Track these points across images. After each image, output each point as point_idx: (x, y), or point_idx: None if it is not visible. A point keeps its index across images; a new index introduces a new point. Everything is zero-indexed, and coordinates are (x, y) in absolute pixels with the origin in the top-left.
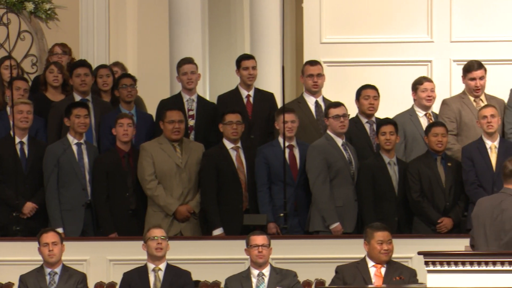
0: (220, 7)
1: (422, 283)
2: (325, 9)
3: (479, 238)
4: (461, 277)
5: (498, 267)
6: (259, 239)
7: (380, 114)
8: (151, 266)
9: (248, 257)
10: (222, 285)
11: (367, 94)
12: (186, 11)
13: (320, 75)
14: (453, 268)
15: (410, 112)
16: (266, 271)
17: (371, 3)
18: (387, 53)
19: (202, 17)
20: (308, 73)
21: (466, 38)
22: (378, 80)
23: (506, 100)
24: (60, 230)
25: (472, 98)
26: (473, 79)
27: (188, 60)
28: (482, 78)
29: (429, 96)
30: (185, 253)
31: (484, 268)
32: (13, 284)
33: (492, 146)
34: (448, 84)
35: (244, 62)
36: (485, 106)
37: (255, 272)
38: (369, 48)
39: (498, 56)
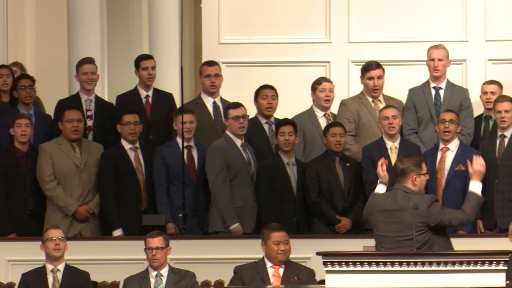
0: (118, 7)
1: (320, 283)
2: (224, 9)
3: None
4: (359, 277)
5: (397, 267)
6: (153, 242)
7: (279, 114)
8: (49, 266)
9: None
10: (121, 285)
11: (265, 94)
12: (84, 11)
13: (218, 76)
14: (352, 268)
15: (309, 113)
16: (164, 271)
17: (270, 4)
18: (286, 53)
19: (101, 17)
20: (205, 74)
21: (364, 39)
22: (277, 81)
23: (404, 101)
24: None
25: (370, 99)
26: (371, 78)
27: (89, 60)
28: (380, 78)
29: (327, 97)
30: (84, 253)
31: (382, 268)
32: None
33: (392, 146)
34: (346, 85)
35: (143, 62)
36: (387, 107)
37: (153, 272)
38: (268, 48)
39: (396, 57)
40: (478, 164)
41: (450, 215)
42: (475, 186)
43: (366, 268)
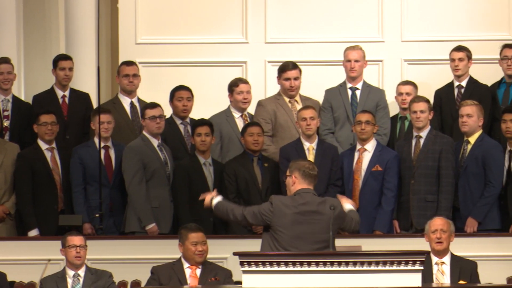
0: (35, 6)
1: (237, 284)
2: (141, 9)
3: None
4: (276, 278)
5: (313, 268)
6: (76, 239)
7: (196, 114)
8: None
9: (63, 257)
10: (38, 286)
11: (180, 96)
12: (0, 10)
13: (136, 76)
14: (268, 268)
15: (226, 113)
16: (82, 271)
17: (187, 4)
18: (203, 54)
19: (17, 16)
20: (124, 73)
21: (281, 40)
22: (193, 81)
23: (320, 101)
24: None
25: (287, 99)
26: (288, 79)
27: (5, 60)
28: (296, 78)
29: (245, 98)
30: (1, 254)
31: (299, 268)
32: None
33: (310, 147)
34: (263, 85)
35: (61, 62)
36: (305, 108)
37: (70, 272)
38: (185, 49)
39: (312, 57)
40: (344, 198)
41: (350, 219)
42: (349, 206)
43: (283, 268)
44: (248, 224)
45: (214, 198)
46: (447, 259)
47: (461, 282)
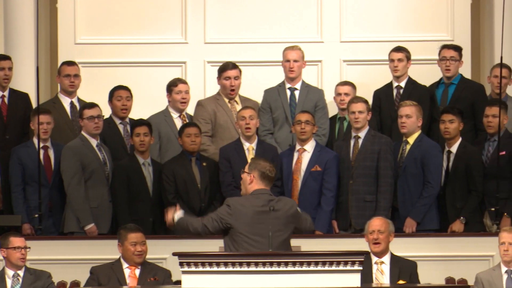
0: None
1: (176, 284)
2: (80, 9)
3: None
4: (216, 278)
5: (253, 268)
6: (21, 240)
7: (135, 115)
8: None
9: (2, 258)
10: None
11: (119, 95)
12: None
13: (77, 76)
14: (208, 269)
15: (165, 113)
16: (21, 271)
17: (126, 4)
18: (142, 54)
19: None
20: (64, 73)
21: (220, 40)
22: (133, 81)
23: (260, 102)
24: None
25: (227, 100)
26: (228, 79)
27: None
28: (237, 77)
29: (183, 99)
30: None
31: (238, 268)
32: None
33: (249, 147)
34: (202, 85)
35: (0, 62)
36: (244, 108)
37: (10, 272)
38: (124, 49)
39: (252, 57)
40: None
41: (304, 219)
42: None
43: (222, 268)
44: (209, 233)
45: (176, 215)
46: (386, 259)
47: (400, 282)
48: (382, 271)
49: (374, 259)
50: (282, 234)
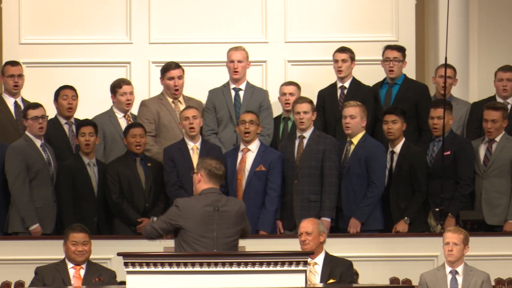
0: None
1: (121, 284)
2: (24, 9)
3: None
4: (160, 278)
5: (197, 268)
6: None
7: (80, 115)
8: None
9: None
10: None
11: (65, 94)
12: None
13: (21, 76)
14: (153, 269)
15: (109, 113)
16: None
17: (71, 4)
18: (87, 54)
19: None
20: (8, 74)
21: (164, 40)
22: (77, 81)
23: (204, 102)
24: None
25: (170, 100)
26: (171, 79)
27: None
28: (180, 77)
29: (128, 100)
30: None
31: (183, 269)
32: None
33: (194, 147)
34: (147, 85)
35: None
36: (187, 108)
37: None
38: (69, 49)
39: (196, 58)
40: None
41: (248, 222)
42: None
43: (167, 269)
44: (160, 235)
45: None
46: (320, 259)
47: (330, 281)
48: (315, 272)
49: (308, 260)
50: (231, 234)
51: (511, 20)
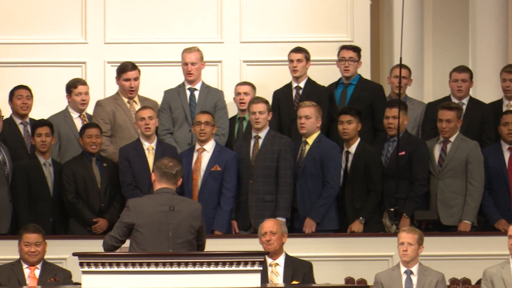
0: None
1: (77, 284)
2: None
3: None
4: (116, 278)
5: (153, 268)
6: None
7: (35, 115)
8: None
9: None
10: None
11: (20, 94)
12: None
13: None
14: (108, 269)
15: (65, 113)
16: None
17: (26, 4)
18: (42, 54)
19: None
20: None
21: (120, 40)
22: (33, 81)
23: (159, 102)
24: None
25: (125, 100)
26: (128, 79)
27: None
28: (136, 78)
29: (83, 100)
30: None
31: (139, 269)
32: None
33: (149, 147)
34: (102, 85)
35: None
36: (143, 108)
37: None
38: (24, 49)
39: (152, 58)
40: None
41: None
42: None
43: (123, 268)
44: (119, 241)
45: None
46: (281, 260)
47: (294, 282)
48: (276, 273)
49: (269, 260)
50: (185, 235)
51: (465, 21)
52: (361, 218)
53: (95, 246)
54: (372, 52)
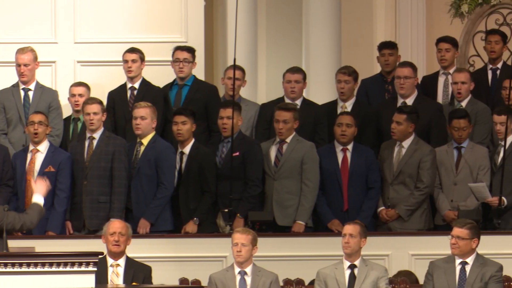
0: None
1: None
2: None
3: None
4: None
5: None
6: None
7: None
8: None
9: None
10: None
11: None
12: None
13: None
14: None
15: None
16: None
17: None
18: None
19: None
20: None
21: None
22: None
23: None
24: None
25: None
26: None
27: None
28: None
29: None
30: None
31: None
32: None
33: None
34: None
35: None
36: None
37: None
38: None
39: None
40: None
41: (13, 218)
42: (38, 198)
43: None
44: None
45: None
46: (122, 261)
47: (134, 283)
48: (117, 274)
49: (110, 261)
50: None
51: (299, 23)
52: (195, 218)
53: None
54: (206, 53)
